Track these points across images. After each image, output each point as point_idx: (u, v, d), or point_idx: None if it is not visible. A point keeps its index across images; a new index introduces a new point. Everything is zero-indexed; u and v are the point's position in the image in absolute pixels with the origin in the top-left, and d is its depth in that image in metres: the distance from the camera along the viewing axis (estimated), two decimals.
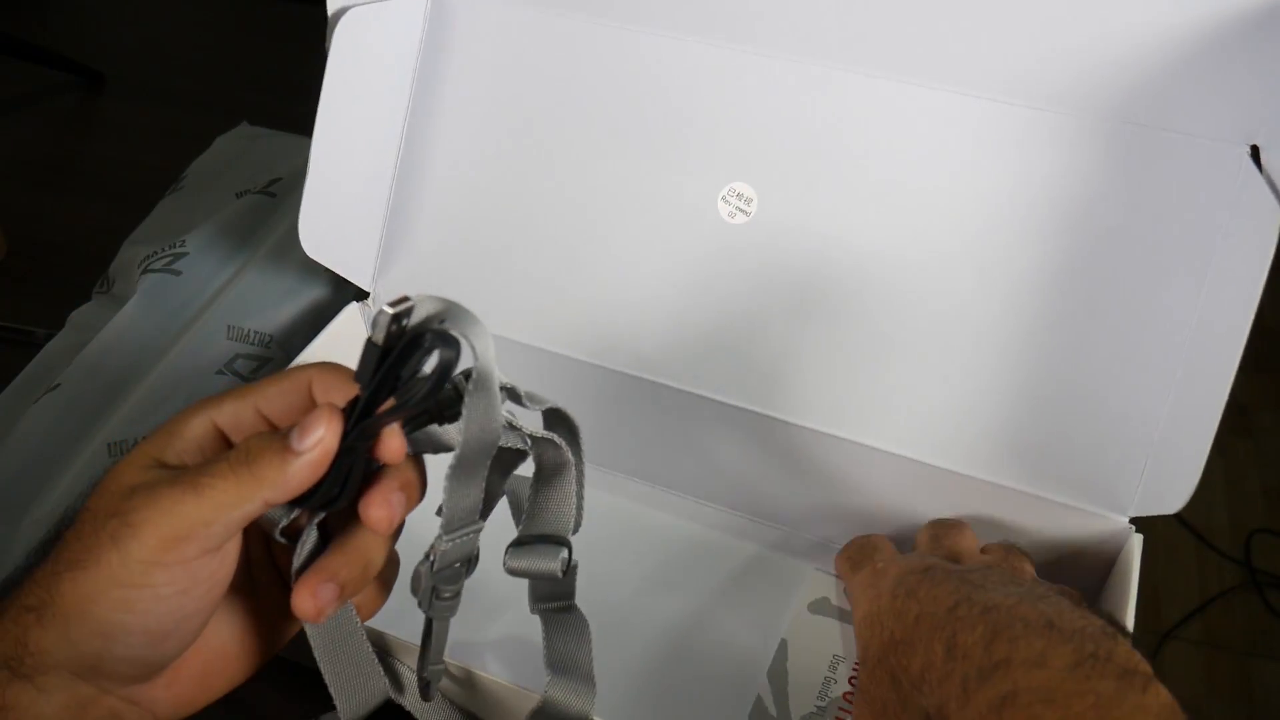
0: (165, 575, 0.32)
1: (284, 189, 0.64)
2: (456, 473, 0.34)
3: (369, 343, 0.31)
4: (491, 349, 0.32)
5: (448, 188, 0.55)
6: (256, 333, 0.58)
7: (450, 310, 0.31)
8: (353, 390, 0.33)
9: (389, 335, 0.30)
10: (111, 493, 0.33)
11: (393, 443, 0.33)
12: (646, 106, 0.51)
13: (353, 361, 0.32)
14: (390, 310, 0.30)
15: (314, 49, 0.79)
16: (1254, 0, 0.41)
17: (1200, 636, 1.30)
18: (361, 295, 0.56)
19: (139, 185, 0.76)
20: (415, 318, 0.31)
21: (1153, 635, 1.29)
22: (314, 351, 0.53)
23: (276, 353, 0.59)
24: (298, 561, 0.35)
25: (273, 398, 0.36)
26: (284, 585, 0.37)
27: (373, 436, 0.32)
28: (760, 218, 0.49)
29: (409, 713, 0.44)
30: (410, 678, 0.43)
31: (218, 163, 0.68)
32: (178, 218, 0.64)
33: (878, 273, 0.48)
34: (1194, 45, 0.42)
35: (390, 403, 0.32)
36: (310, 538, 0.35)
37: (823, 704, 0.45)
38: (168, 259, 0.59)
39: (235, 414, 0.35)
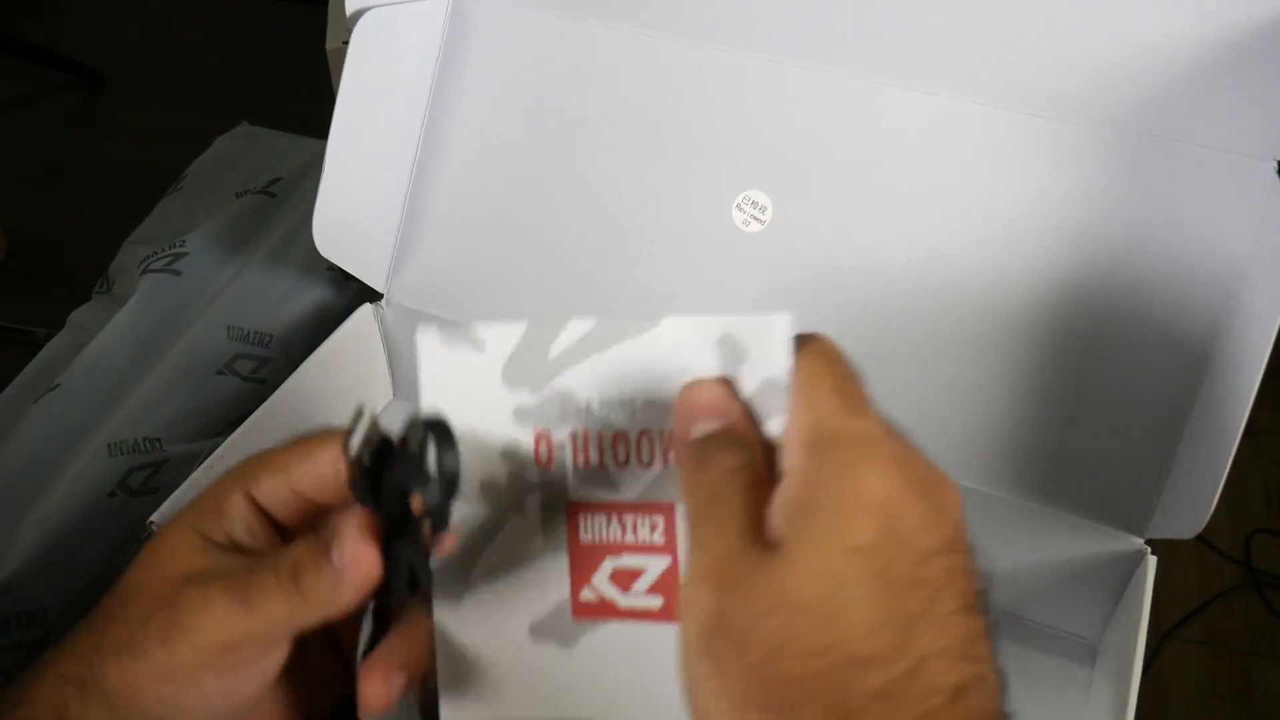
0: (214, 678, 0.31)
1: (284, 189, 0.64)
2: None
3: (358, 464, 0.30)
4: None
5: (463, 190, 0.54)
6: (256, 333, 0.58)
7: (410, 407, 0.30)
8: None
9: (375, 448, 0.30)
10: (162, 577, 0.32)
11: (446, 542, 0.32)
12: (662, 111, 0.51)
13: (366, 365, 0.32)
14: (365, 434, 0.29)
15: (314, 49, 0.79)
16: None
17: (1200, 636, 1.30)
18: (367, 295, 0.55)
19: (139, 185, 0.76)
20: (390, 422, 0.30)
21: (1153, 635, 1.29)
22: (326, 355, 0.52)
23: (276, 353, 0.59)
24: (362, 647, 0.33)
25: (308, 474, 0.33)
26: (334, 648, 0.36)
27: (421, 543, 0.31)
28: (775, 226, 0.49)
29: None
30: None
31: (218, 163, 0.68)
32: (178, 218, 0.64)
33: (892, 283, 0.47)
34: (1218, 57, 0.41)
35: (418, 501, 0.30)
36: (368, 623, 0.33)
37: None
38: (168, 259, 0.59)
39: (272, 492, 0.33)
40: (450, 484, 0.30)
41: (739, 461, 0.29)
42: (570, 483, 0.33)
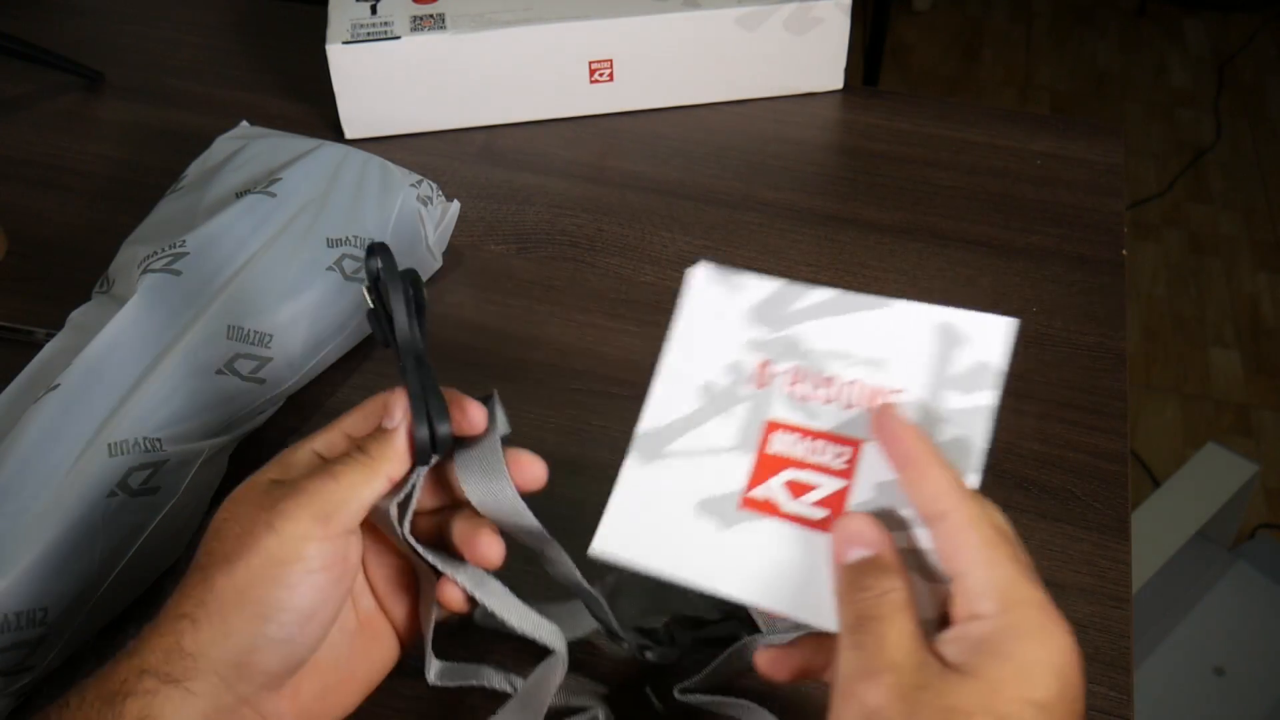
0: (315, 548, 0.38)
1: (284, 189, 0.64)
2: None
3: (371, 313, 0.44)
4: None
5: None
6: (256, 333, 0.58)
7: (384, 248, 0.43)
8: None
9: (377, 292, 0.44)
10: (248, 500, 0.40)
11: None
12: None
13: None
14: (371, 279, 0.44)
15: (314, 49, 0.79)
16: None
17: None
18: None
19: (139, 185, 0.76)
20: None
21: None
22: None
23: (277, 352, 0.59)
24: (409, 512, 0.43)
25: (357, 422, 0.43)
26: (390, 627, 0.46)
27: (418, 353, 0.42)
28: None
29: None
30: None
31: (218, 163, 0.68)
32: (178, 218, 0.64)
33: None
34: None
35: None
36: (416, 486, 0.43)
37: None
38: (168, 259, 0.59)
39: (329, 441, 0.43)
40: (420, 308, 0.43)
41: (891, 585, 0.34)
42: (775, 404, 0.40)
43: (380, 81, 0.80)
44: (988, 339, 0.39)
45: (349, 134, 0.82)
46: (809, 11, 0.82)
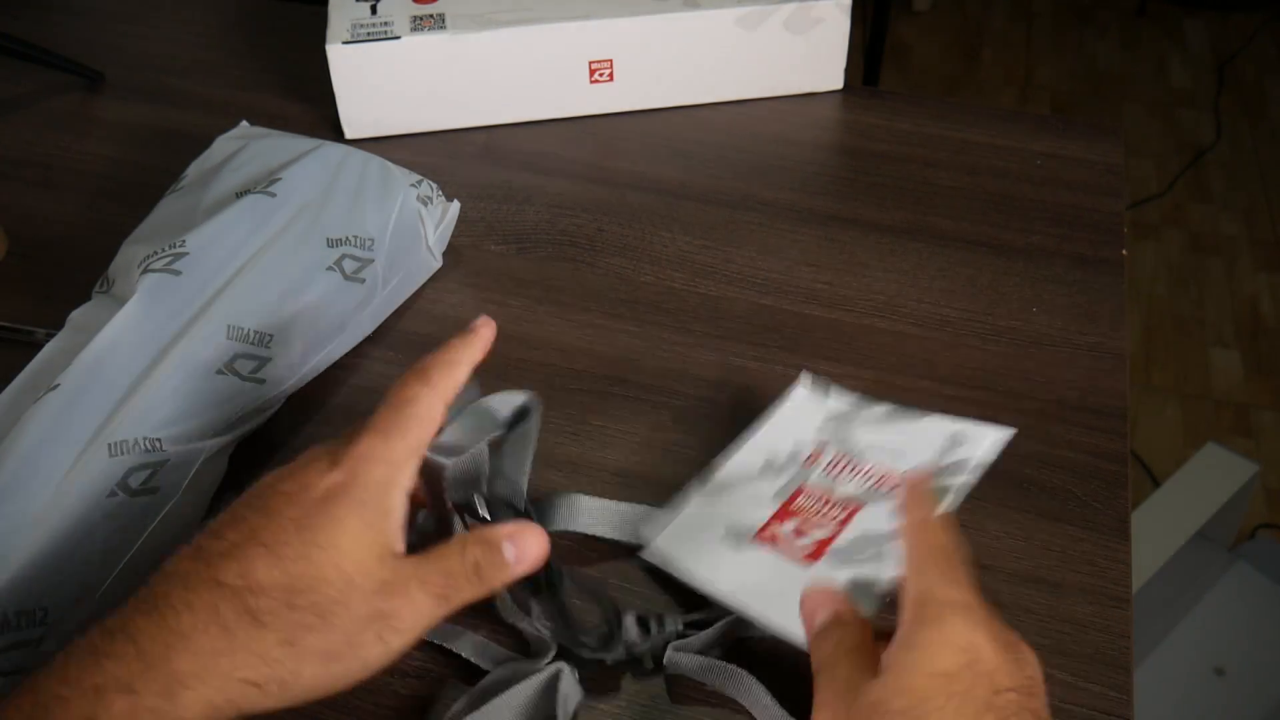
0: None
1: (284, 189, 0.64)
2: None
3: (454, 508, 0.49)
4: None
5: None
6: (256, 333, 0.58)
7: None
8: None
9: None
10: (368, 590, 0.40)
11: None
12: None
13: None
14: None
15: (314, 49, 0.79)
16: None
17: None
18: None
19: (139, 185, 0.76)
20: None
21: None
22: None
23: (277, 353, 0.59)
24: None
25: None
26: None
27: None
28: None
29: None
30: None
31: (218, 163, 0.68)
32: (178, 218, 0.64)
33: None
34: None
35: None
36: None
37: None
38: (168, 259, 0.59)
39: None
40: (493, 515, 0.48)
41: (843, 634, 0.41)
42: (812, 476, 0.53)
43: (380, 81, 0.80)
44: (984, 441, 0.52)
45: (349, 134, 0.82)
46: (809, 11, 0.82)
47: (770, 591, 0.47)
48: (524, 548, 0.42)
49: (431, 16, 0.80)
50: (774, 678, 0.48)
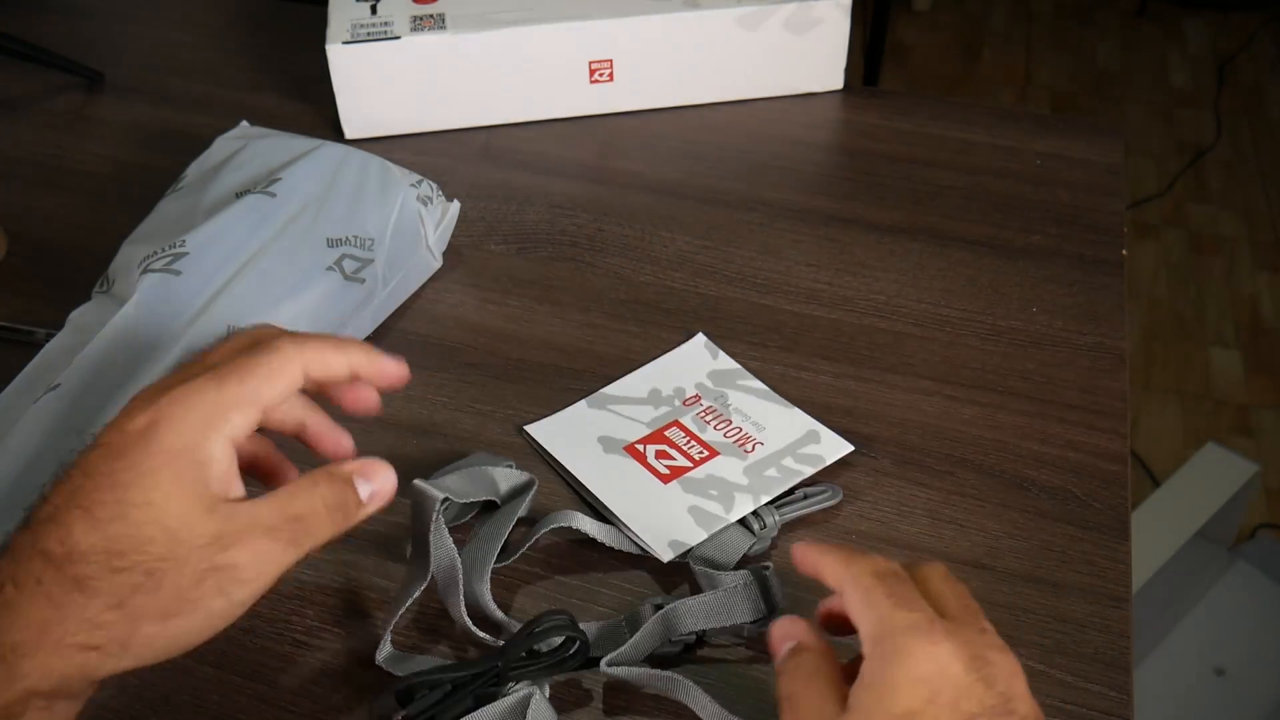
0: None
1: (284, 189, 0.64)
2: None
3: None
4: None
5: None
6: None
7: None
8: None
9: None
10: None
11: None
12: None
13: None
14: None
15: (314, 49, 0.79)
16: None
17: None
18: None
19: (139, 185, 0.76)
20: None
21: None
22: None
23: None
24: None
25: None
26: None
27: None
28: None
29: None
30: None
31: (218, 163, 0.68)
32: (178, 218, 0.64)
33: None
34: None
35: None
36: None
37: None
38: (168, 259, 0.59)
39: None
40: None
41: (805, 660, 0.40)
42: (686, 416, 0.61)
43: (380, 81, 0.80)
44: (833, 448, 0.59)
45: (349, 134, 0.82)
46: (809, 11, 0.82)
47: (626, 491, 0.56)
48: (377, 482, 0.41)
49: (431, 16, 0.80)
50: (708, 688, 0.47)
